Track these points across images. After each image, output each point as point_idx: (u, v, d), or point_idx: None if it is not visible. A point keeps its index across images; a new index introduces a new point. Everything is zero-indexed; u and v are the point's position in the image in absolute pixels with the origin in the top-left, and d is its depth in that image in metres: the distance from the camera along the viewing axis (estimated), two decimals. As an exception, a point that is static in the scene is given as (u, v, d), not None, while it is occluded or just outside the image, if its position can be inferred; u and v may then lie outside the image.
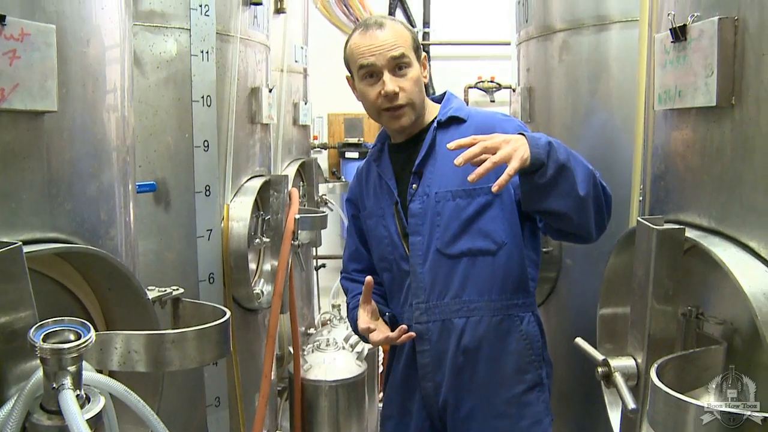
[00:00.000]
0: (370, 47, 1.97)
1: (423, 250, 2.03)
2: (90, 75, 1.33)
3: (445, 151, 2.03)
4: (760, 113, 1.17)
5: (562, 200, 1.79)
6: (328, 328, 3.87)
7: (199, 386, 2.40)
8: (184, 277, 2.30)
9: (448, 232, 2.01)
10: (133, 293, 1.40)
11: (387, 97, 1.97)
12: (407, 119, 2.03)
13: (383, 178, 2.14)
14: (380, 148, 2.20)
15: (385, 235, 2.12)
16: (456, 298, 2.01)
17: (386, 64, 1.96)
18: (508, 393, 2.01)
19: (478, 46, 5.50)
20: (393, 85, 1.96)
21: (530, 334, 2.04)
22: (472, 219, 2.00)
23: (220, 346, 1.43)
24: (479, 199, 1.99)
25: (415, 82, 2.01)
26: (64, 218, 1.26)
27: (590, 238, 1.92)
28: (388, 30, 1.98)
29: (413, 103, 2.01)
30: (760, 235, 1.19)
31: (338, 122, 5.67)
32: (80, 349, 1.07)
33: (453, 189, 2.01)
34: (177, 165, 2.29)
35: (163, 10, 2.21)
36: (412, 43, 2.02)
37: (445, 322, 2.03)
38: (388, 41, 1.97)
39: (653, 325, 1.37)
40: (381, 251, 2.15)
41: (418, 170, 2.06)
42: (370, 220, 2.18)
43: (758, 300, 1.11)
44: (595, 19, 2.50)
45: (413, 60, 2.01)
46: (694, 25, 1.32)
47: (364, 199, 2.21)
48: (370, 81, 2.00)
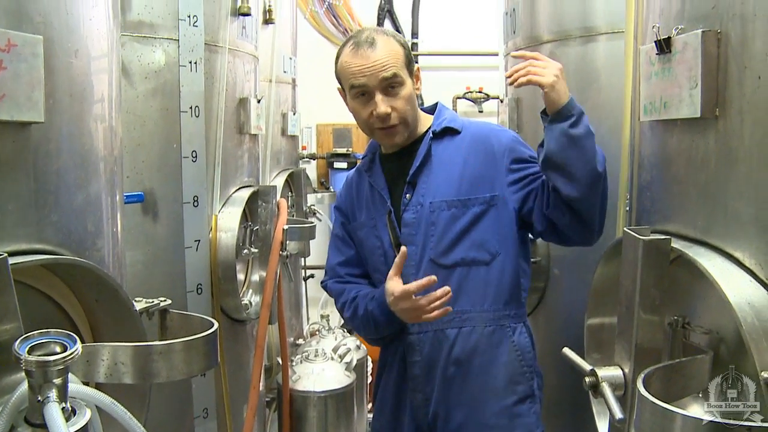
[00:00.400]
0: (362, 68, 1.95)
1: (416, 260, 2.02)
2: (77, 86, 1.33)
3: (440, 161, 2.05)
4: (743, 125, 1.18)
5: (583, 163, 1.81)
6: (316, 339, 3.86)
7: (186, 397, 2.38)
8: (172, 287, 2.29)
9: (443, 242, 2.00)
10: (120, 305, 1.39)
11: (379, 117, 1.96)
12: (400, 137, 2.03)
13: (375, 188, 2.13)
14: (371, 158, 2.19)
15: (378, 246, 2.11)
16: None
17: (378, 84, 1.94)
18: (500, 404, 2.00)
19: (467, 57, 5.53)
20: (385, 107, 1.95)
21: (522, 345, 2.03)
22: (467, 229, 1.99)
23: (208, 358, 1.42)
24: (474, 209, 1.99)
25: (408, 100, 2.00)
26: (50, 229, 1.26)
27: (593, 225, 1.89)
28: (379, 49, 1.95)
29: (406, 121, 2.01)
30: (744, 245, 1.20)
31: (327, 132, 5.68)
32: (66, 361, 1.06)
33: (448, 199, 2.01)
34: (165, 175, 2.28)
35: (151, 20, 2.20)
36: (404, 59, 2.00)
37: (437, 332, 2.02)
38: (380, 61, 1.94)
39: (640, 335, 1.37)
40: (374, 262, 2.13)
41: (412, 180, 2.05)
42: (361, 231, 2.16)
43: (743, 310, 1.12)
44: (581, 30, 2.52)
45: (405, 77, 1.99)
46: (678, 37, 1.34)
47: (355, 210, 2.19)
48: (362, 100, 1.98)
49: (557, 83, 1.78)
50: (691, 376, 1.32)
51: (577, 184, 1.82)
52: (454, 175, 2.02)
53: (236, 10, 2.56)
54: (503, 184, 2.01)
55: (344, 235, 2.24)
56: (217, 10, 2.44)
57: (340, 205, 2.27)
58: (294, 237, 2.95)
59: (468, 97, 5.51)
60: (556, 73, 1.79)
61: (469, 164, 2.03)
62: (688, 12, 1.34)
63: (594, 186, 1.83)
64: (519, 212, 2.01)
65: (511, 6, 2.86)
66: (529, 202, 1.99)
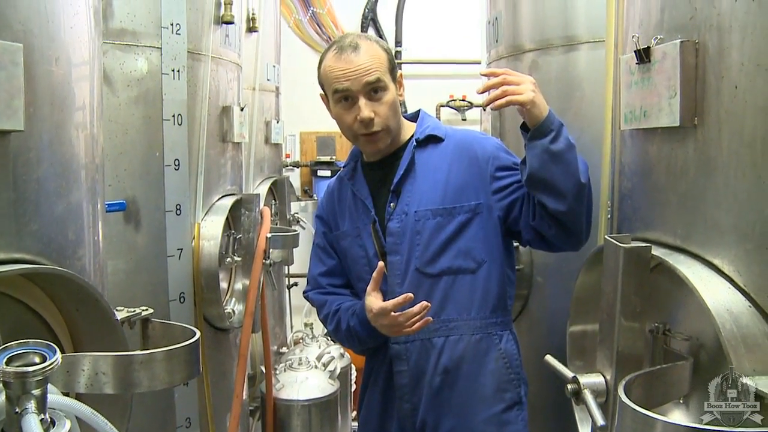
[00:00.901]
0: (345, 72, 1.94)
1: (402, 269, 2.01)
2: (58, 94, 1.32)
3: (424, 170, 2.04)
4: (721, 133, 1.20)
5: (566, 178, 1.80)
6: (300, 347, 3.84)
7: (169, 407, 2.36)
8: (154, 296, 2.28)
9: (428, 251, 1.99)
10: (101, 314, 1.38)
11: (362, 122, 1.95)
12: (383, 143, 2.03)
13: (359, 196, 2.11)
14: (353, 166, 2.17)
15: (362, 255, 2.09)
16: (435, 317, 1.97)
17: (361, 89, 1.93)
18: (488, 412, 2.00)
19: (450, 65, 5.55)
20: (368, 111, 1.94)
21: (509, 353, 2.03)
22: (453, 238, 1.99)
23: (190, 367, 1.42)
24: (459, 218, 1.99)
25: (390, 106, 1.98)
26: (30, 238, 1.24)
27: (580, 233, 1.89)
28: (363, 53, 1.95)
29: (389, 127, 1.99)
30: (723, 252, 1.21)
31: (310, 140, 5.67)
32: (45, 372, 1.05)
33: (433, 207, 2.00)
34: (147, 184, 2.27)
35: (133, 28, 2.20)
36: (387, 64, 1.99)
37: (423, 341, 2.01)
38: (363, 65, 1.93)
39: (621, 342, 1.38)
40: (358, 271, 2.11)
41: (396, 189, 2.04)
42: (344, 240, 2.15)
43: (722, 316, 1.13)
44: (563, 39, 2.54)
45: (388, 83, 1.98)
46: (657, 47, 1.35)
47: (338, 219, 2.18)
48: (345, 105, 1.97)
49: (536, 98, 1.77)
50: (672, 383, 1.33)
51: (563, 198, 1.82)
52: (439, 184, 2.02)
53: (219, 18, 2.55)
54: (487, 192, 2.00)
55: (326, 245, 2.23)
56: (200, 18, 2.43)
57: (322, 214, 2.25)
58: (277, 245, 2.95)
59: (451, 105, 5.53)
60: (533, 88, 1.77)
61: (453, 172, 2.02)
62: (667, 22, 1.36)
63: (579, 197, 1.83)
64: (504, 220, 2.01)
65: (493, 15, 2.88)
66: (514, 210, 1.99)
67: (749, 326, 1.12)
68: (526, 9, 2.66)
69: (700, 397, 1.35)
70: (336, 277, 2.22)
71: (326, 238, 2.23)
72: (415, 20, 5.69)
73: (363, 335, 2.04)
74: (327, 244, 2.23)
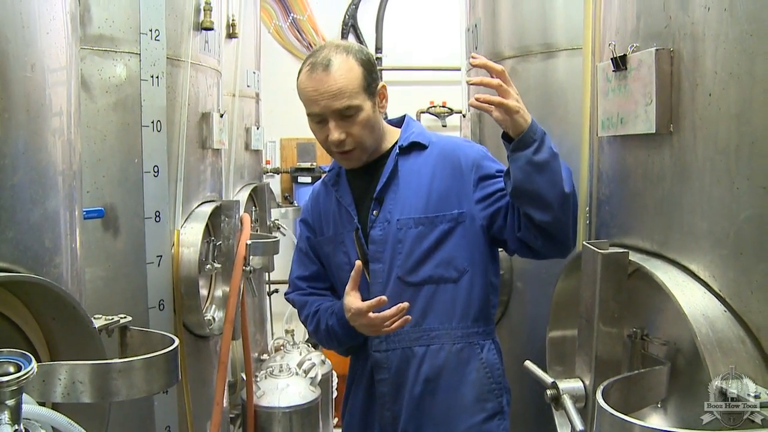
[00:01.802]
0: (314, 95, 1.91)
1: (384, 277, 2.01)
2: (34, 100, 1.30)
3: (407, 178, 2.02)
4: (696, 140, 1.21)
5: (551, 188, 1.79)
6: (281, 354, 3.83)
7: (148, 415, 2.34)
8: (133, 304, 2.26)
9: (410, 259, 1.98)
10: (78, 322, 1.36)
11: (333, 143, 1.95)
12: (357, 161, 2.03)
13: (342, 203, 2.10)
14: (337, 171, 2.16)
15: (345, 262, 2.08)
16: (416, 326, 1.98)
17: (331, 114, 1.92)
18: (468, 422, 1.99)
19: (430, 72, 5.57)
20: (339, 134, 1.93)
21: (490, 362, 2.03)
22: (435, 246, 1.98)
23: (168, 375, 1.40)
24: (442, 227, 1.98)
25: (364, 125, 1.95)
26: (5, 246, 1.23)
27: (567, 242, 1.88)
28: (334, 72, 1.90)
29: (363, 144, 1.98)
30: (698, 258, 1.23)
31: (291, 147, 5.66)
32: (20, 381, 1.04)
33: (415, 216, 1.99)
34: (126, 190, 2.25)
35: (112, 34, 2.18)
36: (362, 82, 1.94)
37: (404, 350, 2.00)
38: (332, 89, 1.89)
39: (600, 347, 1.39)
40: (341, 278, 2.10)
41: (378, 196, 2.03)
42: (328, 246, 2.14)
43: (698, 321, 1.15)
44: (542, 46, 2.57)
45: (361, 103, 1.93)
46: (633, 55, 1.37)
47: (322, 224, 2.17)
48: (319, 125, 1.97)
49: (521, 106, 1.77)
50: (650, 387, 1.34)
51: (550, 209, 1.81)
52: (422, 192, 2.00)
53: (199, 25, 2.55)
54: (470, 200, 1.99)
55: (308, 250, 2.22)
56: (179, 24, 2.42)
57: (306, 218, 2.24)
58: (257, 252, 2.94)
59: (431, 111, 5.55)
60: (517, 97, 1.77)
61: (436, 180, 2.01)
62: (643, 30, 1.37)
63: (565, 206, 1.83)
64: (488, 229, 2.00)
65: (473, 22, 2.90)
66: (498, 219, 1.98)
67: (724, 330, 1.13)
68: (505, 16, 2.68)
69: (678, 402, 1.36)
70: (317, 281, 2.22)
71: (309, 243, 2.22)
72: (395, 27, 5.71)
73: (341, 335, 2.04)
74: (309, 249, 2.22)
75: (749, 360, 1.10)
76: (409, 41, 5.64)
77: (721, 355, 1.10)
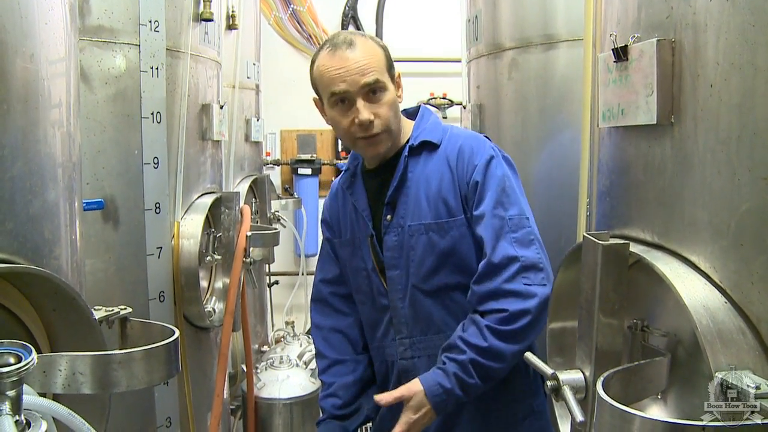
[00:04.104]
0: (341, 72, 1.83)
1: (402, 284, 1.95)
2: (33, 91, 1.30)
3: (418, 181, 1.93)
4: (697, 131, 1.21)
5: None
6: (281, 346, 3.84)
7: (149, 406, 2.35)
8: (133, 295, 2.26)
9: (423, 267, 1.93)
10: (78, 313, 1.36)
11: (361, 125, 1.85)
12: (384, 146, 1.93)
13: (357, 207, 2.05)
14: (353, 172, 2.09)
15: (362, 268, 2.04)
16: (440, 333, 1.95)
17: (359, 90, 1.83)
18: (499, 424, 1.97)
19: (431, 63, 5.56)
20: (367, 114, 1.83)
21: (518, 363, 1.95)
22: (447, 254, 1.91)
23: (169, 366, 1.41)
24: (453, 233, 1.90)
25: (391, 107, 1.88)
26: (4, 238, 1.23)
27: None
28: (359, 50, 1.84)
29: (390, 129, 1.90)
30: (699, 249, 1.22)
31: (291, 138, 5.65)
32: (20, 372, 1.04)
33: (425, 222, 1.92)
34: (126, 182, 2.25)
35: (111, 25, 2.18)
36: (385, 62, 1.89)
37: (430, 357, 1.96)
38: (360, 64, 1.83)
39: (600, 339, 1.39)
40: (358, 283, 2.07)
41: (390, 201, 1.96)
42: (345, 250, 2.10)
43: (698, 312, 1.14)
44: (543, 38, 2.56)
45: (388, 82, 1.88)
46: (634, 45, 1.36)
47: (341, 226, 2.12)
48: (342, 108, 1.87)
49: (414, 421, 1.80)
50: (650, 378, 1.34)
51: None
52: (431, 196, 1.93)
53: (198, 16, 2.54)
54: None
55: (329, 252, 2.18)
56: (179, 15, 2.42)
57: (326, 218, 2.18)
58: (257, 243, 2.94)
59: (432, 103, 5.54)
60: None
61: (445, 183, 1.93)
62: (644, 21, 1.36)
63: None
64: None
65: (473, 13, 2.89)
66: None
67: (725, 322, 1.13)
68: (505, 7, 2.68)
69: (678, 393, 1.36)
70: (341, 285, 2.17)
71: (330, 245, 2.18)
72: (395, 18, 5.69)
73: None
74: (330, 251, 2.18)
75: (749, 351, 1.10)
76: (410, 32, 5.62)
77: (721, 347, 1.10)
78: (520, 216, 1.88)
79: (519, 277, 1.81)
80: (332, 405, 2.09)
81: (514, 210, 1.88)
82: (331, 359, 2.14)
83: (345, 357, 2.15)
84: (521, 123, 2.67)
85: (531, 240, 1.87)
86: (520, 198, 1.93)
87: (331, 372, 2.13)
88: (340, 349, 2.16)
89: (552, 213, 2.38)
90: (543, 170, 2.51)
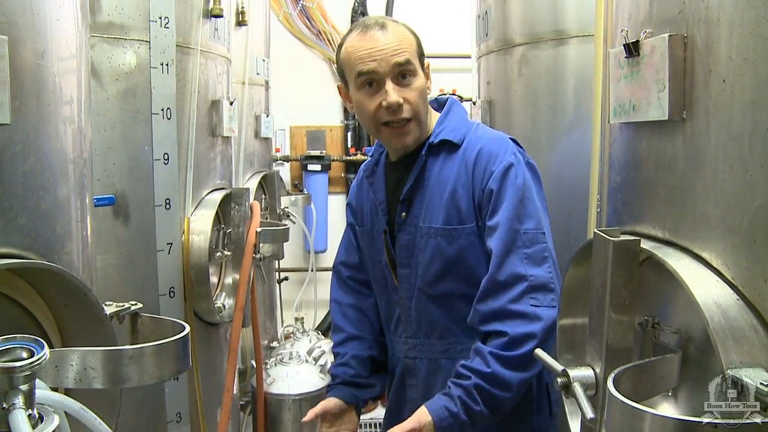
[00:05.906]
0: (371, 51, 1.76)
1: (411, 284, 1.93)
2: (44, 87, 1.31)
3: (435, 181, 1.88)
4: (709, 127, 1.20)
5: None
6: (291, 342, 3.85)
7: (159, 402, 2.36)
8: (144, 291, 2.27)
9: (430, 271, 1.90)
10: (90, 309, 1.37)
11: (390, 109, 1.78)
12: (412, 137, 1.86)
13: (375, 200, 2.02)
14: (376, 161, 2.04)
15: (378, 260, 2.03)
16: (442, 338, 1.93)
17: (389, 71, 1.77)
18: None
19: (440, 59, 5.54)
20: (396, 96, 1.77)
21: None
22: (453, 261, 1.87)
23: (179, 362, 1.41)
24: (460, 241, 1.86)
25: (420, 94, 1.82)
26: (17, 233, 1.24)
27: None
28: (390, 31, 1.79)
29: (418, 117, 1.83)
30: (711, 246, 1.22)
31: (300, 135, 5.66)
32: (33, 367, 1.04)
33: (436, 226, 1.87)
34: (136, 178, 2.26)
35: (121, 21, 2.18)
36: (417, 48, 1.84)
37: (431, 361, 1.95)
38: (391, 44, 1.77)
39: (611, 335, 1.39)
40: (374, 274, 2.07)
41: (406, 198, 1.91)
42: (363, 240, 2.09)
43: (710, 309, 1.14)
44: (553, 33, 2.55)
45: (418, 68, 1.82)
46: (646, 41, 1.35)
47: (363, 215, 2.10)
48: (370, 90, 1.80)
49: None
50: (661, 375, 1.34)
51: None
52: (444, 199, 1.87)
53: (208, 12, 2.54)
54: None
55: (351, 238, 2.17)
56: (189, 12, 2.42)
57: (352, 202, 2.16)
58: (267, 240, 2.94)
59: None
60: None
61: (459, 187, 1.87)
62: (656, 16, 1.36)
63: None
64: None
65: (483, 9, 2.88)
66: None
67: (737, 319, 1.12)
68: (515, 3, 2.67)
69: (689, 390, 1.35)
70: (357, 270, 2.17)
71: (353, 231, 2.16)
72: (405, 14, 5.67)
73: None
74: (353, 237, 2.16)
75: (762, 348, 1.09)
76: (419, 28, 5.59)
77: (733, 344, 1.09)
78: (535, 231, 1.80)
79: (526, 297, 1.74)
80: (344, 372, 2.07)
81: (530, 223, 1.79)
82: (349, 333, 2.12)
83: (363, 334, 2.12)
84: (531, 119, 2.66)
85: (544, 257, 1.78)
86: (540, 211, 1.84)
87: (347, 345, 2.11)
88: (359, 325, 2.14)
89: (562, 209, 2.37)
90: (553, 166, 2.50)
